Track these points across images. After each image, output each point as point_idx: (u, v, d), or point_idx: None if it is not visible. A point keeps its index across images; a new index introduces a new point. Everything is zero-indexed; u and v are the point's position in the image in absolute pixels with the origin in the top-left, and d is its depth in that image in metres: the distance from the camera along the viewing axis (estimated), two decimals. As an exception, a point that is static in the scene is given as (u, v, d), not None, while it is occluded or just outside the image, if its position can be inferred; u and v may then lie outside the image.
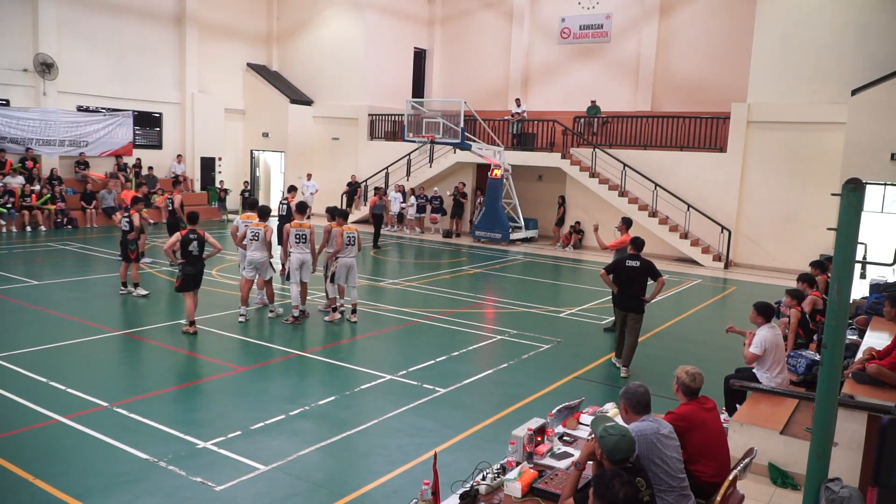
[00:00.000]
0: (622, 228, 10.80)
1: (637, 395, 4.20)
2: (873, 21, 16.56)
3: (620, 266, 8.79)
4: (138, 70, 22.98)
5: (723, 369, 8.96)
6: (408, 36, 26.56)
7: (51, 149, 20.59)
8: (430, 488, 3.82)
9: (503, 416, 7.17)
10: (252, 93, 26.43)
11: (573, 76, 24.10)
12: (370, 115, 25.08)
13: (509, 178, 21.17)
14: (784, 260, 17.90)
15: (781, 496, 5.83)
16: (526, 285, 14.88)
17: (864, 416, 5.41)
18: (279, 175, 27.08)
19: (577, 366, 9.06)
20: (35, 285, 12.26)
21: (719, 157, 18.84)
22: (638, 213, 18.74)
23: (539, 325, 11.17)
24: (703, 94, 21.24)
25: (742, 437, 6.12)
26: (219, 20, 25.11)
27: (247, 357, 8.90)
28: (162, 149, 24.10)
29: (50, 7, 20.26)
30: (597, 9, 23.42)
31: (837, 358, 3.63)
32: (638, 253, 8.81)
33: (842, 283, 3.54)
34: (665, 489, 3.95)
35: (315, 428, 6.69)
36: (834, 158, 16.70)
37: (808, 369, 7.15)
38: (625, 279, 8.71)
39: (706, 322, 12.36)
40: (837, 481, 3.75)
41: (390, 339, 10.27)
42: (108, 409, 6.91)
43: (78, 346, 9.18)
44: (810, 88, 17.46)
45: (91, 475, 5.55)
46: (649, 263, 8.71)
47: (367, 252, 18.93)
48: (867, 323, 8.39)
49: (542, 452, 4.45)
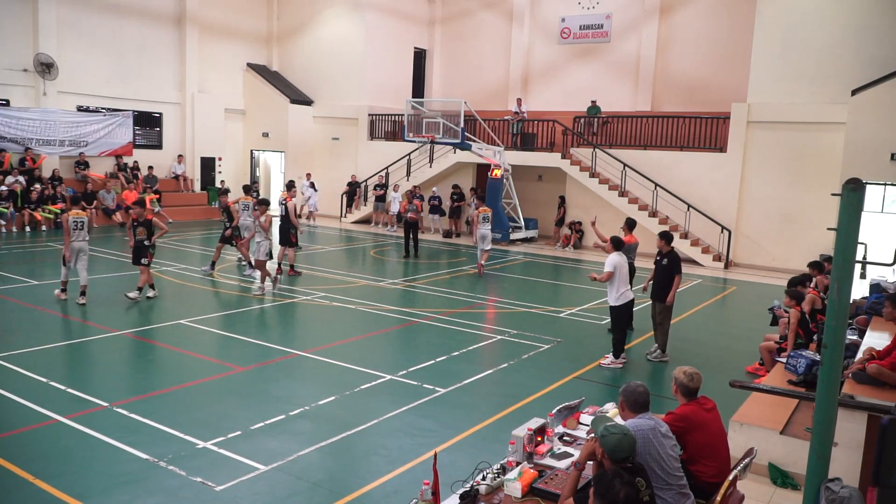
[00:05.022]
0: (625, 230, 10.95)
1: (636, 394, 4.21)
2: (873, 21, 16.57)
3: (679, 262, 9.49)
4: (138, 70, 22.99)
5: (723, 369, 8.99)
6: (408, 36, 26.56)
7: (51, 149, 20.59)
8: (430, 488, 3.82)
9: (503, 416, 7.17)
10: (252, 93, 26.43)
11: (573, 76, 24.10)
12: (370, 115, 25.08)
13: (509, 178, 21.17)
14: (784, 260, 17.91)
15: (781, 496, 5.83)
16: (526, 285, 14.88)
17: (864, 416, 5.41)
18: (279, 175, 27.09)
19: (577, 366, 9.06)
20: (35, 285, 12.26)
21: (719, 157, 18.84)
22: (638, 213, 18.72)
23: (539, 325, 11.17)
24: (703, 94, 21.24)
25: (742, 437, 6.13)
26: (219, 20, 25.12)
27: (247, 357, 8.89)
28: (162, 149, 24.12)
29: (50, 7, 20.26)
30: (597, 9, 23.42)
31: (837, 358, 3.63)
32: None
33: (842, 283, 3.54)
34: (662, 487, 3.96)
35: (315, 428, 6.69)
36: (834, 158, 16.70)
37: (808, 369, 7.15)
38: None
39: (706, 322, 12.37)
40: (837, 481, 3.75)
41: (390, 339, 10.27)
42: (108, 409, 6.91)
43: (78, 346, 9.19)
44: (810, 88, 17.46)
45: (91, 475, 5.55)
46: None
47: (368, 252, 18.94)
48: (867, 323, 8.38)
49: (542, 452, 4.45)
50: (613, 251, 9.11)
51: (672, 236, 9.71)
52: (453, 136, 19.84)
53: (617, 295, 9.04)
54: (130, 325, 10.14)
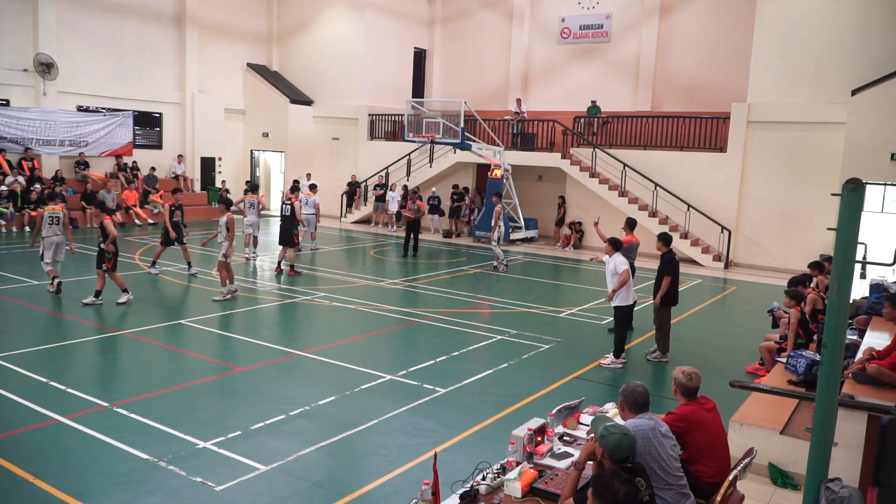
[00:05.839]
0: (626, 230, 11.00)
1: (635, 394, 4.21)
2: (873, 21, 16.56)
3: (675, 263, 9.40)
4: (138, 70, 22.99)
5: (723, 369, 8.99)
6: (408, 36, 26.56)
7: (51, 149, 20.59)
8: (430, 488, 3.82)
9: (503, 416, 7.17)
10: (252, 93, 26.43)
11: (573, 76, 24.10)
12: (370, 115, 25.08)
13: (509, 178, 21.17)
14: (784, 260, 17.91)
15: (781, 496, 5.83)
16: (526, 285, 14.87)
17: (864, 416, 5.41)
18: (279, 175, 27.09)
19: (577, 366, 9.06)
20: (35, 285, 12.26)
21: (719, 157, 18.84)
22: (638, 212, 18.72)
23: (539, 325, 11.17)
24: (703, 94, 21.24)
25: (742, 437, 6.13)
26: (219, 20, 25.11)
27: (247, 357, 8.89)
28: (162, 149, 24.12)
29: (50, 7, 20.26)
30: (597, 9, 23.42)
31: (837, 358, 3.63)
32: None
33: (842, 283, 3.54)
34: (662, 486, 3.96)
35: (315, 428, 6.69)
36: (834, 158, 16.70)
37: (808, 369, 7.15)
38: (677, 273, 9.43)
39: (706, 322, 12.36)
40: (837, 481, 3.75)
41: (390, 339, 10.26)
42: (108, 409, 6.91)
43: (78, 346, 9.19)
44: (810, 88, 17.46)
45: (91, 475, 5.55)
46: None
47: (368, 252, 18.94)
48: (867, 323, 8.39)
49: (542, 452, 4.45)
50: (614, 252, 9.11)
51: (670, 238, 9.66)
52: (453, 136, 19.83)
53: (624, 295, 9.04)
54: (130, 325, 10.14)
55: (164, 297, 12.40)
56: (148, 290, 12.62)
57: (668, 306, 9.43)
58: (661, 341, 9.52)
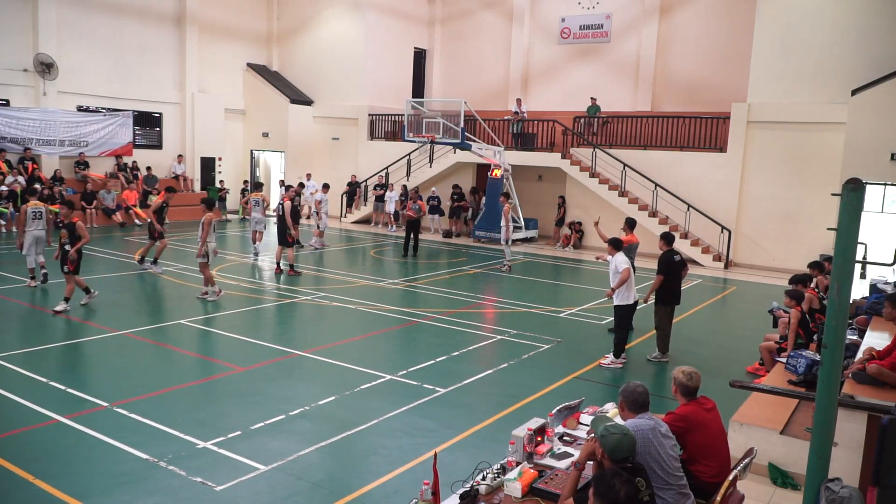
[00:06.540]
0: (626, 229, 11.00)
1: (635, 394, 4.21)
2: (873, 21, 16.56)
3: (670, 262, 9.36)
4: (138, 70, 22.98)
5: (723, 369, 8.99)
6: (408, 36, 26.55)
7: (51, 149, 20.58)
8: (430, 488, 3.82)
9: (503, 416, 7.17)
10: (252, 93, 26.42)
11: (573, 76, 24.09)
12: (370, 115, 25.08)
13: (509, 178, 21.16)
14: (784, 260, 17.91)
15: (781, 496, 5.83)
16: (526, 285, 14.87)
17: (864, 416, 5.41)
18: (279, 175, 27.08)
19: (577, 366, 9.06)
20: (35, 285, 12.25)
21: (719, 157, 18.84)
22: (638, 213, 18.73)
23: (539, 325, 11.17)
24: (703, 94, 21.24)
25: (742, 437, 6.13)
26: (219, 20, 25.11)
27: (247, 357, 8.89)
28: (162, 149, 24.11)
29: (50, 7, 20.25)
30: (597, 9, 23.42)
31: (837, 358, 3.63)
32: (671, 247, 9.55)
33: (842, 283, 3.54)
34: (662, 486, 3.96)
35: (315, 428, 6.69)
36: (834, 158, 16.70)
37: (808, 369, 7.15)
38: (675, 273, 9.36)
39: (706, 322, 12.36)
40: (837, 481, 3.75)
41: (390, 339, 10.26)
42: (108, 409, 6.91)
43: (78, 346, 9.19)
44: (810, 88, 17.46)
45: (91, 475, 5.55)
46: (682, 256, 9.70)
47: (368, 252, 18.94)
48: (867, 323, 8.38)
49: (542, 452, 4.45)
50: (615, 252, 9.12)
51: (672, 237, 9.68)
52: (453, 136, 19.83)
53: (625, 294, 9.05)
54: (130, 325, 10.13)
55: (164, 297, 12.40)
56: (148, 290, 12.63)
57: (668, 306, 9.43)
58: (661, 341, 9.53)
